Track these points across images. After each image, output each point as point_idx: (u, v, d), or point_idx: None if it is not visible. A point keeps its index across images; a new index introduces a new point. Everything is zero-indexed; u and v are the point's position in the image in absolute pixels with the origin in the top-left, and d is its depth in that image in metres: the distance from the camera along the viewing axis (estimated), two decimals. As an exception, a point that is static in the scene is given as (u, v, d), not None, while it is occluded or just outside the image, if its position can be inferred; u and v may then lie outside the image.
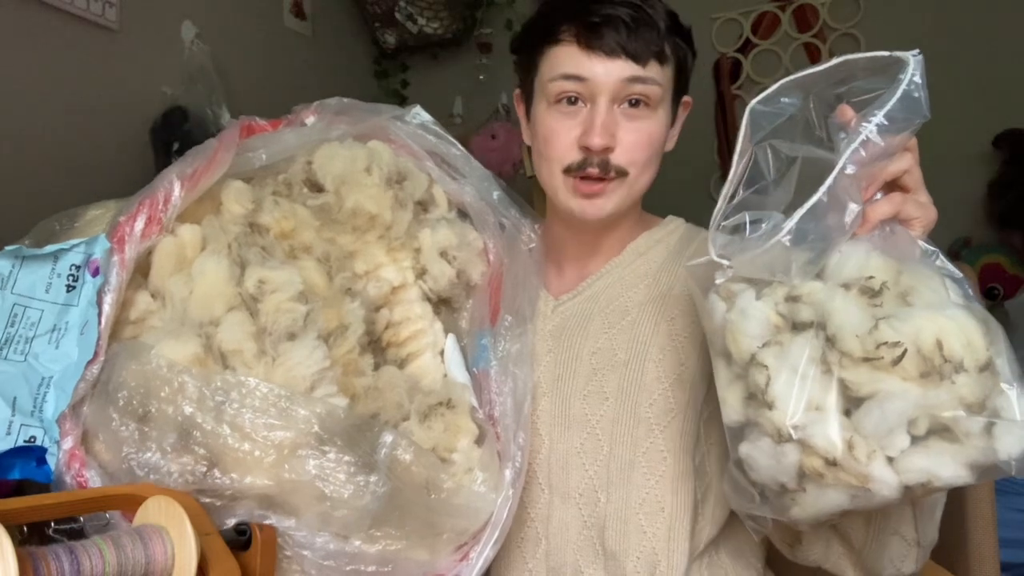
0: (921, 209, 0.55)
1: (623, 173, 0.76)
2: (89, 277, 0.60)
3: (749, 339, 0.53)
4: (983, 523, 0.85)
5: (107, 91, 1.60)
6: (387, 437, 0.59)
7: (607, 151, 0.75)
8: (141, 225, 0.61)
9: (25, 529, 0.53)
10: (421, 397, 0.68)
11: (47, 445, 0.57)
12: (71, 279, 0.61)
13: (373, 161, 0.73)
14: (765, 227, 0.53)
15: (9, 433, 0.57)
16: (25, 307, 0.60)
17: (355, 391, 0.65)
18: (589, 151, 0.75)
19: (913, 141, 0.55)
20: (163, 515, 0.50)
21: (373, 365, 0.70)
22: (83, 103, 1.55)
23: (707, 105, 2.31)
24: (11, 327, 0.59)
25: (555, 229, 0.86)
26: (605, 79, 0.74)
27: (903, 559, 0.64)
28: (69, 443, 0.57)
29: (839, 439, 0.48)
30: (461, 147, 0.79)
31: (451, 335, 0.76)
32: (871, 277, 0.51)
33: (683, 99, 0.83)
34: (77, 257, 0.61)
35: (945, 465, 0.47)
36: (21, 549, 0.42)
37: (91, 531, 0.54)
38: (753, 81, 2.28)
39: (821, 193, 0.50)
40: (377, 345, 0.74)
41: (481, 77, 2.51)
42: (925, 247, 0.54)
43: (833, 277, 0.53)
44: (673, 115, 0.81)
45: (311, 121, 0.76)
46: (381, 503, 0.56)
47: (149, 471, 0.55)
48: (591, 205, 0.77)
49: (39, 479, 0.56)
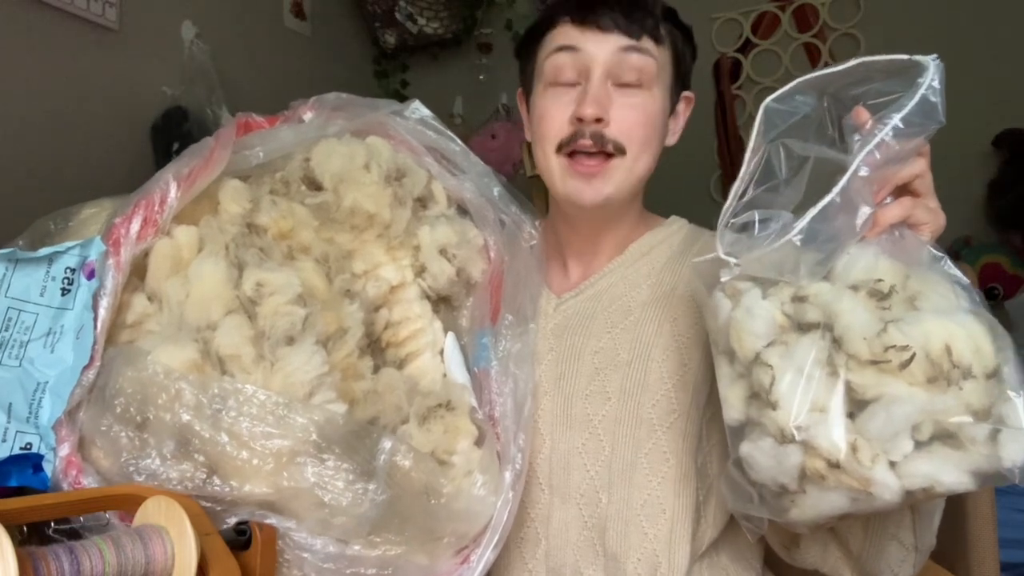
0: (931, 214, 0.55)
1: (621, 150, 0.75)
2: (84, 280, 0.60)
3: (754, 338, 0.52)
4: (983, 523, 0.84)
5: (107, 91, 1.59)
6: (386, 443, 0.58)
7: (600, 122, 0.74)
8: (137, 227, 0.60)
9: (25, 529, 0.52)
10: (420, 399, 0.68)
11: (43, 452, 0.57)
12: (66, 282, 0.60)
13: (372, 158, 0.72)
14: (774, 226, 0.53)
15: (4, 440, 0.56)
16: (19, 311, 0.59)
17: (354, 395, 0.64)
18: (581, 122, 0.74)
19: (926, 146, 0.54)
20: (163, 515, 0.50)
21: (372, 367, 0.69)
22: (83, 103, 1.55)
23: (707, 105, 2.31)
24: (5, 331, 0.58)
25: (556, 225, 0.86)
26: (599, 51, 0.75)
27: (900, 564, 0.63)
28: (66, 449, 0.56)
29: (843, 441, 0.48)
30: (460, 143, 0.78)
31: (451, 334, 0.76)
32: (880, 280, 0.51)
33: (684, 94, 0.83)
34: (72, 260, 0.60)
35: (948, 471, 0.47)
36: (21, 549, 0.42)
37: (90, 531, 0.53)
38: (753, 81, 2.28)
39: (834, 193, 0.50)
40: (376, 345, 0.73)
41: (481, 77, 2.51)
42: (933, 252, 0.54)
43: (841, 279, 0.52)
44: (672, 105, 0.81)
45: (309, 117, 0.75)
46: (380, 510, 0.56)
47: (149, 477, 0.54)
48: (589, 187, 0.76)
49: (35, 486, 0.55)
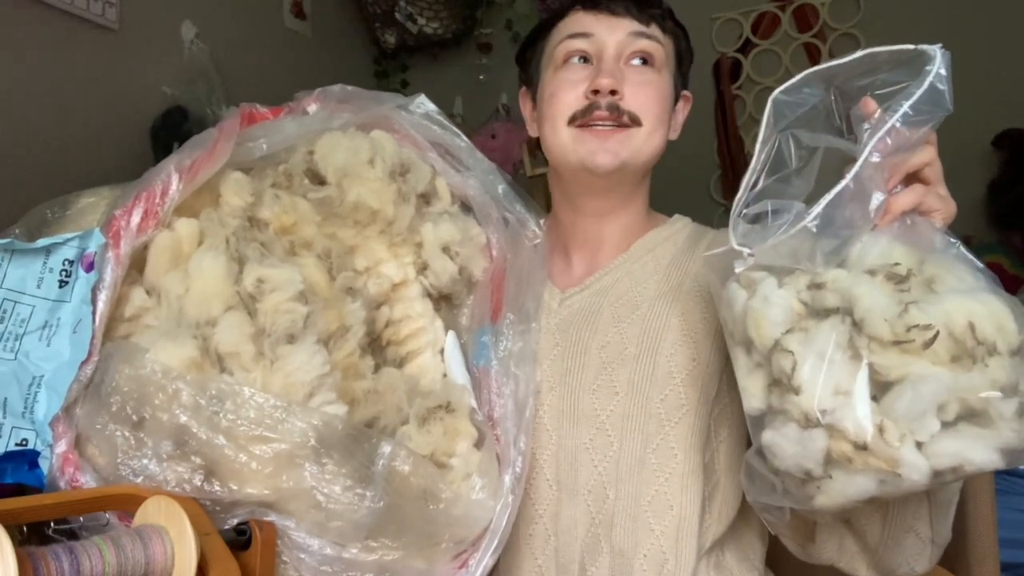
0: (942, 202, 0.56)
1: (637, 121, 0.76)
2: (83, 272, 0.58)
3: (772, 326, 0.52)
4: (983, 523, 0.84)
5: (107, 91, 1.59)
6: (385, 448, 0.57)
7: (615, 95, 0.75)
8: (137, 219, 0.59)
9: (25, 529, 0.52)
10: (420, 400, 0.67)
11: (39, 448, 0.55)
12: (64, 274, 0.59)
13: (376, 153, 0.71)
14: (787, 216, 0.53)
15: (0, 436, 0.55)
16: (15, 303, 0.58)
17: (355, 395, 0.63)
18: (596, 94, 0.75)
19: (933, 135, 0.55)
20: (163, 515, 0.50)
21: (373, 366, 0.68)
22: (83, 103, 1.54)
23: (707, 105, 2.31)
24: (0, 323, 0.57)
25: (560, 217, 0.86)
26: (610, 34, 0.77)
27: (917, 557, 0.63)
28: (63, 446, 0.55)
29: (869, 422, 0.47)
30: (466, 139, 0.77)
31: (451, 332, 0.75)
32: (897, 264, 0.51)
33: (683, 93, 0.84)
34: (70, 251, 0.59)
35: (976, 449, 0.46)
36: (21, 549, 0.42)
37: (90, 532, 0.53)
38: (753, 81, 2.28)
39: (848, 179, 0.50)
40: (376, 343, 0.72)
41: (481, 77, 2.51)
42: (946, 238, 0.54)
43: (857, 265, 0.52)
44: (674, 99, 0.82)
45: (313, 109, 0.74)
46: (377, 516, 0.55)
47: (145, 478, 0.53)
48: (603, 149, 0.75)
49: (31, 483, 0.54)
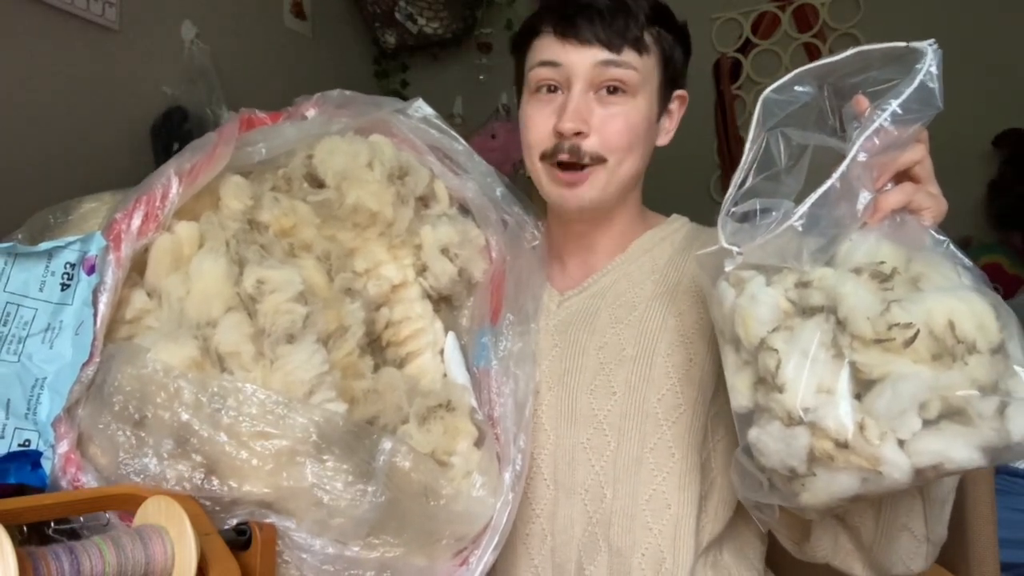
0: (932, 200, 0.55)
1: (599, 160, 0.76)
2: (84, 275, 0.59)
3: (759, 324, 0.53)
4: (983, 523, 0.84)
5: (107, 91, 1.59)
6: (386, 444, 0.58)
7: (579, 136, 0.75)
8: (138, 222, 0.60)
9: (25, 529, 0.52)
10: (420, 399, 0.67)
11: (42, 448, 0.56)
12: (66, 277, 0.60)
13: (375, 156, 0.72)
14: (776, 215, 0.53)
15: (2, 436, 0.56)
16: (18, 306, 0.59)
17: (354, 394, 0.64)
18: (561, 136, 0.76)
19: (924, 133, 0.54)
20: (163, 515, 0.50)
21: (373, 366, 0.68)
22: (83, 103, 1.54)
23: (707, 105, 2.31)
24: (3, 326, 0.58)
25: (551, 225, 0.86)
26: (579, 65, 0.76)
27: (912, 556, 0.63)
28: (65, 447, 0.56)
29: (850, 420, 0.48)
30: (464, 142, 0.78)
31: (451, 333, 0.75)
32: (882, 262, 0.51)
33: (677, 93, 0.83)
34: (72, 255, 0.60)
35: (957, 448, 0.46)
36: (21, 549, 0.42)
37: (90, 531, 0.53)
38: (753, 81, 2.28)
39: (834, 179, 0.50)
40: (376, 344, 0.72)
41: (481, 77, 2.51)
42: (935, 236, 0.54)
43: (843, 264, 0.52)
44: (662, 108, 0.81)
45: (312, 114, 0.75)
46: (379, 512, 0.55)
47: (146, 477, 0.54)
48: (571, 194, 0.78)
49: (34, 483, 0.55)
